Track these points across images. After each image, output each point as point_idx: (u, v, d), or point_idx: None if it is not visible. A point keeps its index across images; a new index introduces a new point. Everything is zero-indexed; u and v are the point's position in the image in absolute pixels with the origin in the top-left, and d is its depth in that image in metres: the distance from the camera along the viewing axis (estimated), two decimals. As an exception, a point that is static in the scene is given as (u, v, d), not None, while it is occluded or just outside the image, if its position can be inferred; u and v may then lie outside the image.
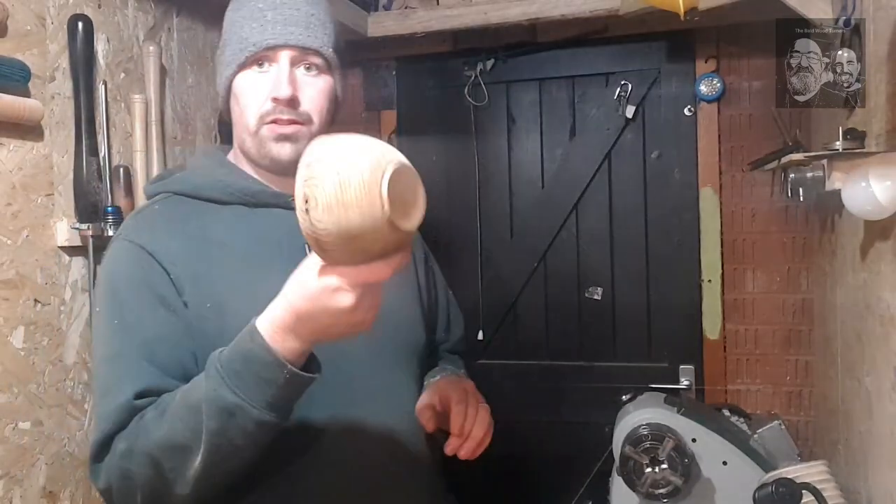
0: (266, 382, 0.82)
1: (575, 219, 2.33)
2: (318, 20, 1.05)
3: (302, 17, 1.03)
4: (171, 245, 1.01)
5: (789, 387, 2.17)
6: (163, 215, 1.06)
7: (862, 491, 1.46)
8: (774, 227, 2.17)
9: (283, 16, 1.02)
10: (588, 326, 2.34)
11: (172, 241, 1.01)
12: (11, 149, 1.28)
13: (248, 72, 1.04)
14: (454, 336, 1.38)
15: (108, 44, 1.52)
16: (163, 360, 0.96)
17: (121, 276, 1.01)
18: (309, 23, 1.04)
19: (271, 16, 1.02)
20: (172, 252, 1.00)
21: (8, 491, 1.25)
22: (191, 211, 1.06)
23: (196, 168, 1.12)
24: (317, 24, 1.04)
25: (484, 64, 2.35)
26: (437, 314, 1.33)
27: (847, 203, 1.18)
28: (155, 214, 1.07)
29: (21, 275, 1.30)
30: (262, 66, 1.03)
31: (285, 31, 1.02)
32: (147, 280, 0.98)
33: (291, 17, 1.03)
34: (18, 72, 1.26)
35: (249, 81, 1.04)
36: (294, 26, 1.02)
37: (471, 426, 1.02)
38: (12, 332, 1.27)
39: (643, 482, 1.58)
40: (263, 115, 1.02)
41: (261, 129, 1.03)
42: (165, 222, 1.04)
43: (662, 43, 2.22)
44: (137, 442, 0.90)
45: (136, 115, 1.57)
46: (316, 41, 1.04)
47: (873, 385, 1.38)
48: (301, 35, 1.03)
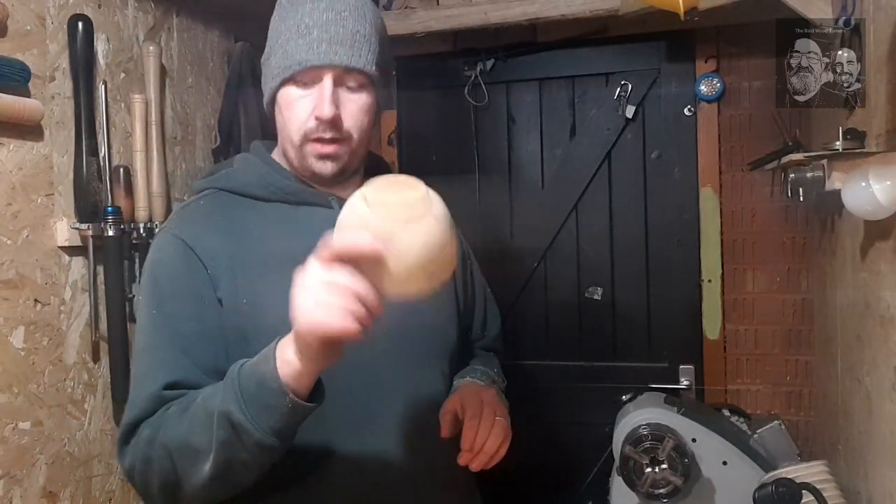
0: (272, 408, 0.84)
1: (575, 219, 2.33)
2: (363, 37, 1.03)
3: (348, 36, 1.02)
4: (212, 241, 1.04)
5: (789, 387, 2.16)
6: (206, 211, 1.09)
7: (862, 491, 1.46)
8: (774, 227, 2.16)
9: (328, 34, 1.01)
10: (588, 326, 2.33)
11: (213, 237, 1.04)
12: (11, 149, 1.28)
13: (292, 87, 1.04)
14: (491, 333, 1.38)
15: (108, 44, 1.52)
16: (196, 354, 0.99)
17: (163, 268, 1.04)
18: (354, 41, 1.02)
19: (317, 34, 1.01)
20: (212, 248, 1.03)
21: (8, 491, 1.25)
22: (234, 207, 1.09)
23: (242, 165, 1.14)
24: (362, 42, 1.03)
25: (484, 64, 2.35)
26: (473, 312, 1.33)
27: (847, 203, 1.18)
28: (199, 210, 1.10)
29: (21, 275, 1.30)
30: (306, 82, 1.03)
31: (330, 50, 1.01)
32: (187, 274, 1.02)
33: (337, 35, 1.01)
34: (18, 72, 1.26)
35: (294, 97, 1.04)
36: (339, 45, 1.01)
37: (482, 441, 1.03)
38: (12, 332, 1.27)
39: (643, 482, 1.58)
40: (307, 133, 1.04)
41: (304, 146, 1.05)
42: (208, 218, 1.07)
43: (662, 43, 2.22)
44: (160, 433, 0.93)
45: (136, 115, 1.57)
46: (360, 60, 1.03)
47: (873, 385, 1.38)
48: (346, 55, 1.01)
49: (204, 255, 1.02)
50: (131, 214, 1.54)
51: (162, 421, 0.94)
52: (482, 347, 1.37)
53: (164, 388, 0.97)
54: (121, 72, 1.56)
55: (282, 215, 1.08)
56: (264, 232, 1.07)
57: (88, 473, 1.44)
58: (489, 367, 1.28)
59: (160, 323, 1.01)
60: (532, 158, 2.37)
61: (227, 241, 1.04)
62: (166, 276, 1.03)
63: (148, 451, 0.94)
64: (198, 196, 1.14)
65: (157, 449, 0.93)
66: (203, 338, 1.00)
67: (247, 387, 0.85)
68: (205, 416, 0.89)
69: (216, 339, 1.00)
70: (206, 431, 0.88)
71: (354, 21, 1.02)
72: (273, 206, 1.09)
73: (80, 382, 1.43)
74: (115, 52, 1.54)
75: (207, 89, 1.87)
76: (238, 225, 1.07)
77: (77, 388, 1.42)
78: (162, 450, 0.92)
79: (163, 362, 0.99)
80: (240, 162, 1.15)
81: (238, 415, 0.84)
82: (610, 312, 2.32)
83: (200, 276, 1.02)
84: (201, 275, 1.02)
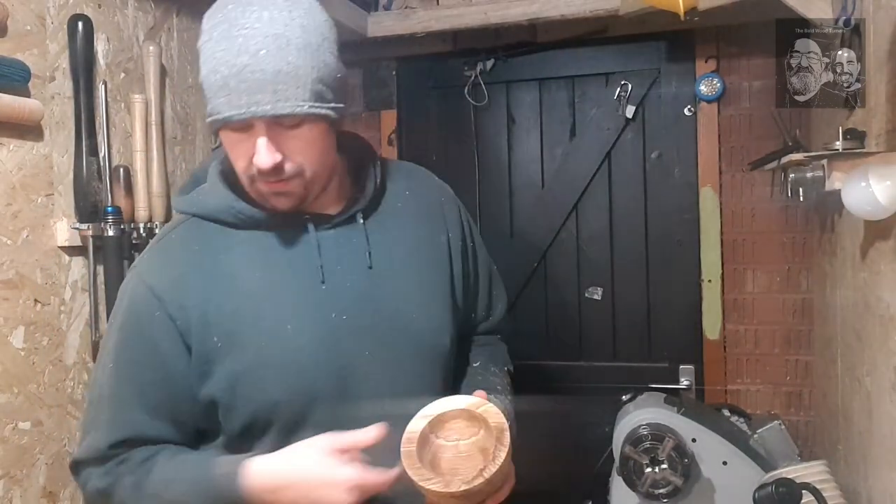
0: None
1: (575, 219, 2.33)
2: (286, 75, 0.90)
3: (267, 81, 0.89)
4: (181, 285, 1.01)
5: (789, 387, 2.16)
6: (178, 246, 1.05)
7: (862, 491, 1.46)
8: (774, 227, 2.16)
9: (245, 83, 0.89)
10: (588, 326, 2.34)
11: (184, 281, 1.01)
12: (11, 149, 1.28)
13: (228, 132, 0.96)
14: (497, 314, 1.32)
15: (108, 44, 1.52)
16: (152, 403, 1.01)
17: (127, 315, 1.03)
18: (276, 84, 0.90)
19: (234, 84, 0.90)
20: (182, 294, 1.00)
21: (8, 491, 1.25)
22: (207, 237, 1.04)
23: (211, 187, 1.07)
24: (287, 81, 0.90)
25: (484, 64, 2.35)
26: (476, 298, 1.27)
27: (847, 203, 1.18)
28: (170, 246, 1.06)
29: (21, 275, 1.30)
30: (240, 129, 0.94)
31: (251, 101, 0.90)
32: (150, 325, 1.00)
33: (255, 83, 0.89)
34: (18, 72, 1.26)
35: (235, 142, 0.96)
36: (260, 93, 0.90)
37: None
38: (12, 332, 1.27)
39: (643, 482, 1.58)
40: (253, 176, 0.97)
41: (255, 184, 0.99)
42: (179, 256, 1.04)
43: (662, 43, 2.22)
44: (116, 496, 1.00)
45: (136, 115, 1.57)
46: (286, 105, 0.91)
47: (873, 385, 1.38)
48: (269, 103, 0.90)
49: (173, 306, 1.00)
50: (131, 214, 1.54)
51: (116, 482, 0.99)
52: (487, 330, 1.32)
53: (110, 446, 1.00)
54: (121, 72, 1.56)
55: (255, 242, 1.04)
56: (238, 262, 1.03)
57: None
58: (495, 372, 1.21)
59: (119, 371, 1.02)
60: (532, 158, 2.37)
61: (198, 282, 1.01)
62: (129, 324, 1.02)
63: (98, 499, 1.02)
64: (170, 227, 1.09)
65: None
66: (161, 387, 1.01)
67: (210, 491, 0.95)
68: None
69: (176, 389, 1.01)
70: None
71: (274, 58, 0.90)
72: (246, 233, 1.04)
73: (80, 382, 1.43)
74: (115, 52, 1.54)
75: (207, 89, 1.87)
76: (210, 258, 1.03)
77: (77, 388, 1.42)
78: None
79: (113, 418, 1.01)
80: (210, 182, 1.07)
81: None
82: (610, 312, 2.32)
83: (166, 328, 1.00)
84: (167, 327, 1.00)
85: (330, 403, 1.01)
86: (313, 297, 1.03)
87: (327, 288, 1.03)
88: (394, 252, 1.10)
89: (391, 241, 1.10)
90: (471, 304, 1.26)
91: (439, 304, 1.14)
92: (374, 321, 1.05)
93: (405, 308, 1.08)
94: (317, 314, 1.02)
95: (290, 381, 1.00)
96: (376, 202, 1.12)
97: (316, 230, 1.04)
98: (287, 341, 1.00)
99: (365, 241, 1.07)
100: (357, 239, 1.07)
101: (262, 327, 1.00)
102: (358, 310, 1.04)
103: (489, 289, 1.30)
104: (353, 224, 1.07)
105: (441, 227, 1.18)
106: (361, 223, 1.08)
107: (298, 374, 1.01)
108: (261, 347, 1.00)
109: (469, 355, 1.26)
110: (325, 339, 1.02)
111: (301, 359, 1.01)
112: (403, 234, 1.13)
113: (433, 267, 1.15)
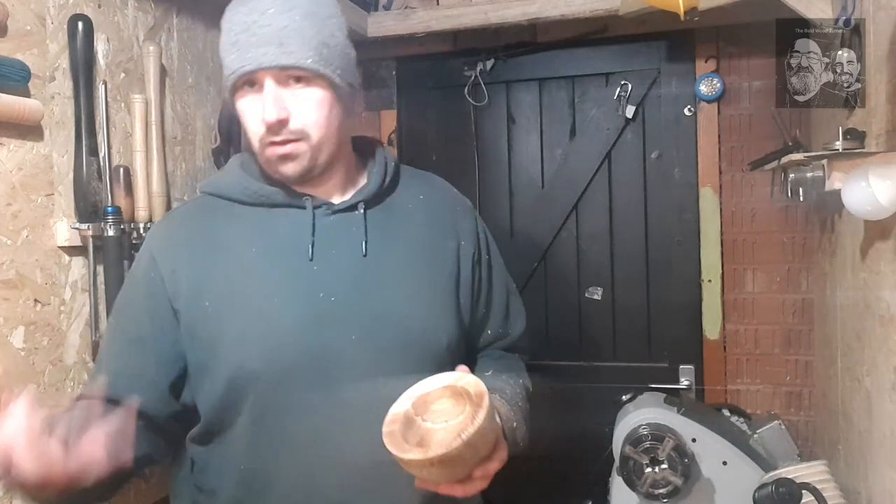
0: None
1: (575, 219, 2.33)
2: (293, 31, 0.98)
3: (274, 34, 0.97)
4: (178, 251, 1.07)
5: (789, 387, 2.16)
6: (185, 217, 1.14)
7: (862, 491, 1.46)
8: (774, 227, 2.16)
9: (254, 36, 0.97)
10: (588, 326, 2.34)
11: (181, 246, 1.08)
12: (11, 149, 1.28)
13: (241, 97, 1.03)
14: (514, 331, 1.29)
15: (108, 44, 1.52)
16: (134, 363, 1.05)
17: (130, 276, 1.13)
18: (282, 38, 0.97)
19: (244, 39, 0.98)
20: (177, 259, 1.07)
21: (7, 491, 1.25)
22: (215, 212, 1.11)
23: (227, 168, 1.16)
24: (292, 36, 0.98)
25: (484, 64, 2.35)
26: (489, 310, 1.25)
27: (847, 203, 1.18)
28: (178, 217, 1.16)
29: (21, 275, 1.30)
30: (253, 87, 1.01)
31: (258, 53, 0.97)
32: (144, 285, 1.07)
33: (263, 36, 0.97)
34: (18, 72, 1.26)
35: (246, 106, 1.03)
36: (267, 45, 0.97)
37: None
38: (12, 333, 1.27)
39: (643, 482, 1.58)
40: (262, 138, 1.03)
41: (264, 151, 1.04)
42: (183, 226, 1.12)
43: (662, 43, 2.22)
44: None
45: (136, 115, 1.57)
46: (291, 56, 0.98)
47: (873, 385, 1.38)
48: (273, 54, 0.97)
49: (165, 268, 1.06)
50: (131, 214, 1.54)
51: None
52: (505, 347, 1.29)
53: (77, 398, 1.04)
54: (121, 72, 1.56)
55: (257, 218, 1.09)
56: (237, 236, 1.08)
57: (88, 473, 1.44)
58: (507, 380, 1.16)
59: (115, 330, 1.11)
60: (532, 158, 2.37)
61: (193, 250, 1.07)
62: (129, 284, 1.12)
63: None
64: (189, 201, 1.21)
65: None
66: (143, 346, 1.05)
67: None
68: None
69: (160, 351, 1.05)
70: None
71: (281, 16, 0.98)
72: (251, 210, 1.10)
73: (80, 383, 1.43)
74: (115, 52, 1.54)
75: (207, 89, 1.87)
76: (212, 231, 1.09)
77: (77, 389, 1.42)
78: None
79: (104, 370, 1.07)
80: (228, 165, 1.17)
81: None
82: (610, 312, 2.32)
83: (157, 288, 1.06)
84: (158, 287, 1.06)
85: (309, 384, 1.01)
86: (302, 274, 1.05)
87: (317, 268, 1.06)
88: (392, 246, 1.11)
89: (392, 235, 1.12)
90: (484, 317, 1.24)
91: (437, 303, 1.13)
92: (363, 308, 1.06)
93: (396, 300, 1.08)
94: (304, 292, 1.04)
95: (269, 355, 1.02)
96: (382, 198, 1.14)
97: (314, 211, 1.08)
98: (271, 314, 1.03)
99: (363, 231, 1.09)
100: (356, 228, 1.09)
101: (249, 298, 1.04)
102: (347, 294, 1.05)
103: (506, 305, 1.28)
104: (354, 213, 1.10)
105: (451, 233, 1.19)
106: (362, 213, 1.10)
107: (279, 349, 1.02)
108: (246, 317, 1.03)
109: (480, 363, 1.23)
110: (309, 317, 1.03)
111: (283, 333, 1.02)
112: (407, 232, 1.14)
113: (435, 267, 1.15)
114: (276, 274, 1.05)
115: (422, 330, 1.09)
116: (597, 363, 2.31)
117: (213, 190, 1.13)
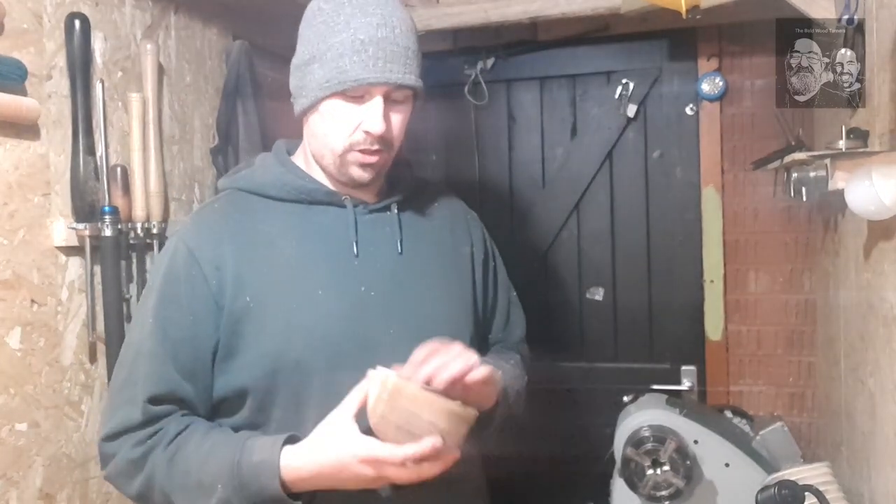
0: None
1: (576, 219, 2.33)
2: (413, 53, 1.06)
3: (400, 53, 1.04)
4: (219, 247, 1.07)
5: (792, 388, 2.16)
6: (220, 214, 1.13)
7: (865, 493, 1.46)
8: (777, 227, 2.16)
9: (384, 52, 1.03)
10: (589, 327, 2.33)
11: (222, 243, 1.08)
12: (8, 148, 1.27)
13: (340, 99, 1.05)
14: (513, 337, 1.36)
15: (106, 42, 1.51)
16: (184, 363, 1.05)
17: (165, 275, 1.08)
18: (406, 58, 1.05)
19: (373, 51, 1.02)
20: (219, 255, 1.07)
21: (4, 493, 1.24)
22: (249, 208, 1.12)
23: (260, 165, 1.17)
24: (412, 58, 1.06)
25: (484, 62, 2.34)
26: (493, 315, 1.32)
27: (850, 203, 1.17)
28: (213, 213, 1.14)
29: (17, 275, 1.29)
30: (356, 96, 1.05)
31: (386, 68, 1.03)
32: (187, 283, 1.06)
33: (392, 53, 1.03)
34: (15, 70, 1.25)
35: (342, 109, 1.05)
36: (394, 63, 1.03)
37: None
38: (9, 333, 1.27)
39: (645, 484, 1.57)
40: (353, 143, 1.06)
41: (347, 154, 1.07)
42: (220, 222, 1.11)
43: (664, 41, 2.21)
44: (146, 469, 1.02)
45: (134, 114, 1.56)
46: (411, 77, 1.06)
47: (876, 386, 1.37)
48: (399, 72, 1.04)
49: (208, 266, 1.06)
50: (129, 214, 1.53)
51: (149, 456, 1.02)
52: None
53: (149, 400, 1.03)
54: (118, 70, 1.55)
55: (295, 214, 1.12)
56: (276, 231, 1.10)
57: (85, 475, 1.43)
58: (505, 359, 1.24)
59: (157, 328, 1.05)
60: (532, 158, 2.36)
61: (235, 246, 1.08)
62: (167, 283, 1.07)
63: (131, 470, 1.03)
64: (216, 197, 1.18)
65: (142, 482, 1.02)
66: (191, 346, 1.05)
67: (248, 485, 0.96)
68: (198, 486, 0.98)
69: (205, 349, 1.06)
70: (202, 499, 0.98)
71: (405, 37, 1.05)
72: (287, 206, 1.12)
73: (76, 384, 1.42)
74: (113, 51, 1.53)
75: (205, 88, 1.86)
76: (250, 226, 1.10)
77: (74, 390, 1.41)
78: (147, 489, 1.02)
79: (149, 373, 1.04)
80: (259, 161, 1.18)
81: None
82: (611, 313, 2.31)
83: (201, 287, 1.05)
84: (202, 286, 1.05)
85: (351, 372, 1.02)
86: (346, 268, 1.09)
87: (359, 263, 1.10)
88: (423, 246, 1.17)
89: (421, 236, 1.18)
90: (488, 320, 1.31)
91: (461, 303, 1.20)
92: (401, 302, 1.11)
93: (429, 296, 1.14)
94: (347, 285, 1.09)
95: (315, 344, 1.05)
96: (409, 201, 1.20)
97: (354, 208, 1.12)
98: (317, 305, 1.06)
99: (398, 229, 1.15)
100: (391, 227, 1.15)
101: (294, 291, 1.06)
102: (386, 288, 1.11)
103: (507, 311, 1.35)
104: (388, 213, 1.16)
105: (466, 238, 1.26)
106: (396, 213, 1.16)
107: (324, 338, 1.06)
108: (291, 309, 1.05)
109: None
110: (352, 309, 1.08)
111: (328, 323, 1.06)
112: (433, 235, 1.20)
113: (457, 268, 1.22)
114: (322, 268, 1.09)
115: (450, 325, 1.14)
116: (598, 364, 2.30)
117: (247, 186, 1.14)
